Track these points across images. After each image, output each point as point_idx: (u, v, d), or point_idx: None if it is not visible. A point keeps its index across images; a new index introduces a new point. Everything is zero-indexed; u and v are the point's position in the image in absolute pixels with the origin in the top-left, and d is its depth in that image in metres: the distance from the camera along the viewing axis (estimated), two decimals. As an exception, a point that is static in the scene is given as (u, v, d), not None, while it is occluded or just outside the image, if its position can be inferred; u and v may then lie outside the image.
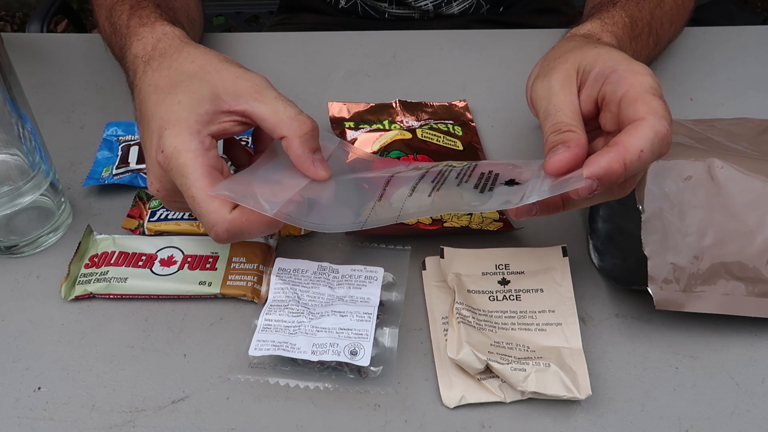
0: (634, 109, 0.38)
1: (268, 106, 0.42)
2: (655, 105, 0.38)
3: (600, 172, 0.37)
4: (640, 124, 0.38)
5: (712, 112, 0.61)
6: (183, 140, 0.40)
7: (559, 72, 0.43)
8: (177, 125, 0.40)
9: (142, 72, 0.45)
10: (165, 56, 0.45)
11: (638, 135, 0.37)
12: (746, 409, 0.41)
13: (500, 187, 0.41)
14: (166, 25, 0.48)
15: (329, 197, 0.43)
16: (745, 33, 0.72)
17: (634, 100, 0.39)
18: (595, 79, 0.42)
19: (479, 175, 0.43)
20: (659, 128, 0.37)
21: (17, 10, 2.07)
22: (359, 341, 0.41)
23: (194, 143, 0.40)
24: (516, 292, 0.46)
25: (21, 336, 0.45)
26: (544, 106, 0.42)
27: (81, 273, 0.47)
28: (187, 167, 0.40)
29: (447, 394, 0.41)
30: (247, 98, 0.42)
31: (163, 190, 0.42)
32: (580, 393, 0.40)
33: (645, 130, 0.37)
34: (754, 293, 0.44)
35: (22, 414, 0.41)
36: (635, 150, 0.37)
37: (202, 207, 0.39)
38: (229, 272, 0.47)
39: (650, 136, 0.37)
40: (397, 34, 0.73)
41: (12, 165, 0.48)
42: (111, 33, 0.55)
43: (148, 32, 0.48)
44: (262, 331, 0.42)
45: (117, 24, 0.53)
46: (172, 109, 0.41)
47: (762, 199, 0.45)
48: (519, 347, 0.42)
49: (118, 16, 0.53)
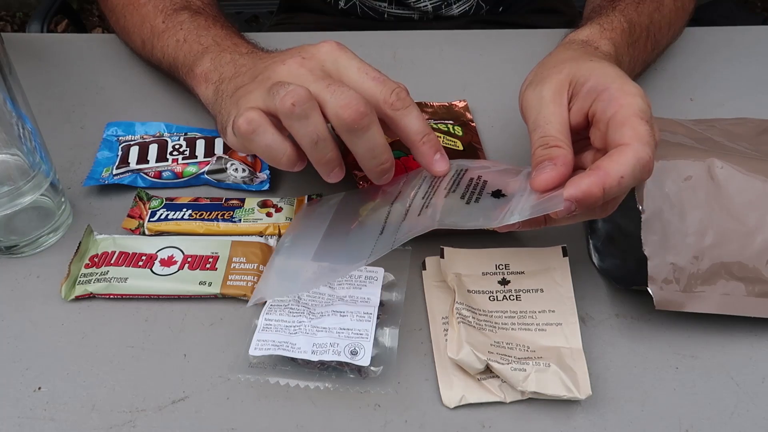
0: (620, 133, 0.39)
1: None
2: (640, 130, 0.38)
3: (579, 195, 0.37)
4: (623, 150, 0.38)
5: (712, 112, 0.61)
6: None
7: (551, 82, 0.43)
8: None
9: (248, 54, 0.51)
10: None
11: (620, 161, 0.38)
12: (746, 409, 0.41)
13: (486, 198, 0.42)
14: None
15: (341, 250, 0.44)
16: (745, 33, 0.72)
17: (621, 123, 0.39)
18: (587, 93, 0.42)
19: (468, 182, 0.43)
20: (642, 155, 0.38)
21: (17, 10, 2.07)
22: (359, 341, 0.41)
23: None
24: (516, 292, 0.46)
25: (21, 336, 0.45)
26: (533, 115, 0.43)
27: (81, 273, 0.47)
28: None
29: (447, 394, 0.41)
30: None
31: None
32: (580, 393, 0.40)
33: (627, 156, 0.38)
34: (754, 293, 0.44)
35: (22, 414, 0.41)
36: (616, 176, 0.37)
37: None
38: (229, 272, 0.47)
39: (632, 163, 0.38)
40: (397, 35, 0.73)
41: (12, 165, 0.48)
42: (164, 30, 0.58)
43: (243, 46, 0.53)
44: (263, 330, 0.42)
45: (194, 26, 0.57)
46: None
47: (762, 199, 0.45)
48: (519, 347, 0.42)
49: (193, 20, 0.57)
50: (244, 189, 0.54)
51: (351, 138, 0.41)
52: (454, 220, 0.41)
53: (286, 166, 0.43)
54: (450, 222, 0.41)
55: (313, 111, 0.40)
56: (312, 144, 0.41)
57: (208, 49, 0.53)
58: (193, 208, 0.51)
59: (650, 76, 0.65)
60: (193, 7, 0.60)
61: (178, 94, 0.63)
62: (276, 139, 0.42)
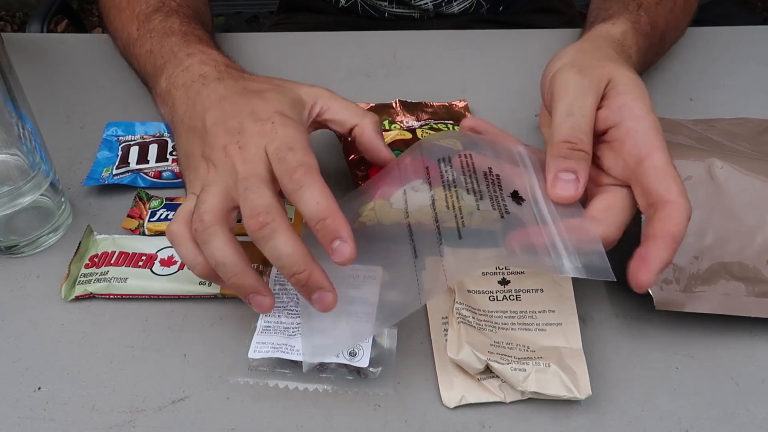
0: (666, 186, 0.38)
1: (342, 103, 0.48)
2: (681, 186, 0.39)
3: (661, 268, 0.37)
4: (676, 208, 0.38)
5: (712, 112, 0.61)
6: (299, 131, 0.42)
7: (594, 75, 0.42)
8: (290, 118, 0.43)
9: (213, 80, 0.47)
10: (231, 77, 0.48)
11: (677, 220, 0.38)
12: (746, 409, 0.41)
13: (510, 205, 0.41)
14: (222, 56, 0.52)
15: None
16: (745, 33, 0.72)
17: (664, 174, 0.39)
18: (619, 108, 0.41)
19: (485, 179, 0.42)
20: (689, 209, 0.38)
21: (17, 10, 2.07)
22: (358, 342, 0.41)
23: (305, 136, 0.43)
24: (516, 292, 0.46)
25: (21, 336, 0.45)
26: (568, 99, 0.42)
27: (81, 273, 0.47)
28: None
29: (447, 395, 0.41)
30: (325, 98, 0.48)
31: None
32: (580, 393, 0.40)
33: (681, 214, 0.38)
34: (754, 293, 0.44)
35: (22, 414, 0.41)
36: (679, 238, 0.38)
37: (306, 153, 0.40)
38: (229, 272, 0.47)
39: (685, 221, 0.38)
40: (397, 34, 0.73)
41: (12, 165, 0.48)
42: (138, 38, 0.58)
43: (210, 56, 0.51)
44: (261, 333, 0.42)
45: (160, 32, 0.56)
46: (277, 103, 0.44)
47: (762, 199, 0.45)
48: (519, 347, 0.42)
49: (162, 26, 0.56)
50: (244, 189, 0.54)
51: (260, 246, 0.39)
52: (502, 259, 0.40)
53: (205, 278, 0.42)
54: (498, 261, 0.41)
55: (211, 238, 0.39)
56: (214, 266, 0.40)
57: (165, 64, 0.52)
58: None
59: (650, 76, 0.65)
60: (166, 9, 0.59)
61: (178, 94, 0.64)
62: (189, 254, 0.41)
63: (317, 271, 0.39)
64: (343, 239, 0.38)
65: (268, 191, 0.39)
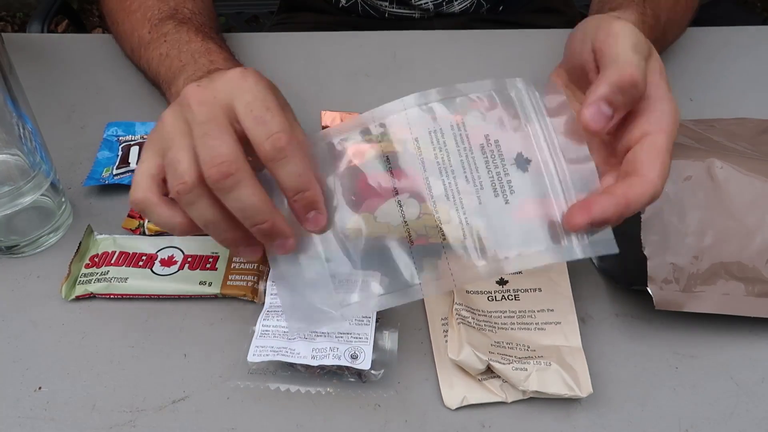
0: (647, 162, 0.38)
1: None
2: (665, 170, 0.38)
3: (599, 218, 0.37)
4: (644, 184, 0.37)
5: (712, 112, 0.61)
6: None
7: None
8: (266, 78, 0.41)
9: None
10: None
11: (640, 192, 0.37)
12: (746, 409, 0.41)
13: (515, 175, 0.39)
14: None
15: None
16: (745, 33, 0.72)
17: (650, 149, 0.38)
18: (648, 84, 0.40)
19: (482, 153, 0.40)
20: (658, 191, 0.37)
21: (18, 11, 2.07)
22: (359, 345, 0.41)
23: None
24: (515, 292, 0.46)
25: (21, 336, 0.45)
26: (634, 40, 0.40)
27: (81, 273, 0.47)
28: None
29: (448, 395, 0.41)
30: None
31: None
32: (582, 391, 0.40)
33: (647, 190, 0.37)
34: (753, 293, 0.44)
35: (23, 414, 0.41)
36: (634, 209, 0.37)
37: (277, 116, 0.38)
38: (229, 272, 0.47)
39: (649, 197, 0.37)
40: (397, 34, 0.73)
41: (12, 165, 0.48)
42: (150, 41, 0.58)
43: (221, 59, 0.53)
44: (260, 336, 0.42)
45: (176, 38, 0.56)
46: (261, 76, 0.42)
47: (761, 199, 0.45)
48: (519, 347, 0.42)
49: (178, 32, 0.57)
50: (245, 189, 0.54)
51: (220, 195, 0.37)
52: (503, 252, 0.38)
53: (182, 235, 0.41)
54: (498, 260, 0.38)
55: (198, 199, 0.38)
56: (203, 226, 0.39)
57: (185, 67, 0.52)
58: None
59: (650, 76, 0.65)
60: (179, 17, 0.60)
61: (179, 94, 0.64)
62: (164, 217, 0.40)
63: (279, 218, 0.38)
64: (320, 210, 0.39)
65: (231, 138, 0.37)
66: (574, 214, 0.37)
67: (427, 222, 0.40)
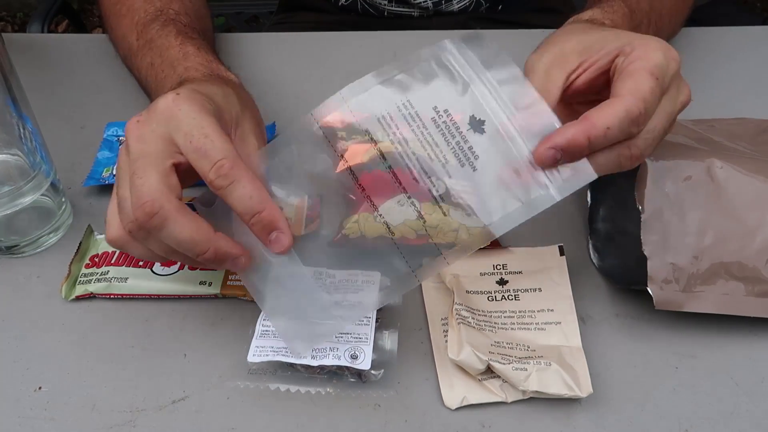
0: (620, 86, 0.38)
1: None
2: (641, 85, 0.37)
3: (563, 143, 0.37)
4: (614, 101, 0.37)
5: (712, 112, 0.61)
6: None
7: (553, 51, 0.42)
8: (200, 94, 0.41)
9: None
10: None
11: (608, 112, 0.37)
12: (746, 409, 0.41)
13: (474, 138, 0.38)
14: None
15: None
16: (745, 33, 0.72)
17: (627, 75, 0.38)
18: (607, 53, 0.40)
19: (437, 128, 0.39)
20: (631, 108, 0.37)
21: (18, 11, 2.07)
22: (359, 345, 0.41)
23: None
24: (515, 291, 0.46)
25: (22, 336, 0.45)
26: (536, 83, 0.41)
27: (81, 273, 0.47)
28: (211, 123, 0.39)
29: (448, 395, 0.41)
30: (247, 125, 0.44)
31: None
32: (582, 391, 0.40)
33: (616, 107, 0.37)
34: (753, 293, 0.44)
35: (23, 414, 0.41)
36: (601, 126, 0.37)
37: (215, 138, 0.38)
38: (229, 272, 0.47)
39: (620, 116, 0.37)
40: (397, 35, 0.73)
41: (13, 165, 0.48)
42: (138, 49, 0.59)
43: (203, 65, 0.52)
44: (260, 337, 0.42)
45: (159, 45, 0.56)
46: (201, 86, 0.42)
47: (761, 199, 0.45)
48: (519, 347, 0.42)
49: (160, 36, 0.57)
50: (245, 189, 0.54)
51: (154, 234, 0.37)
52: (463, 198, 0.38)
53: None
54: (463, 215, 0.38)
55: (147, 236, 0.38)
56: (167, 257, 0.39)
57: (165, 80, 0.53)
58: (193, 208, 0.51)
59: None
60: (163, 18, 0.59)
61: (179, 94, 0.64)
62: (137, 251, 0.40)
63: (221, 242, 0.38)
64: (281, 230, 0.38)
65: (156, 176, 0.37)
66: (539, 148, 0.37)
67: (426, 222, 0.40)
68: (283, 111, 0.59)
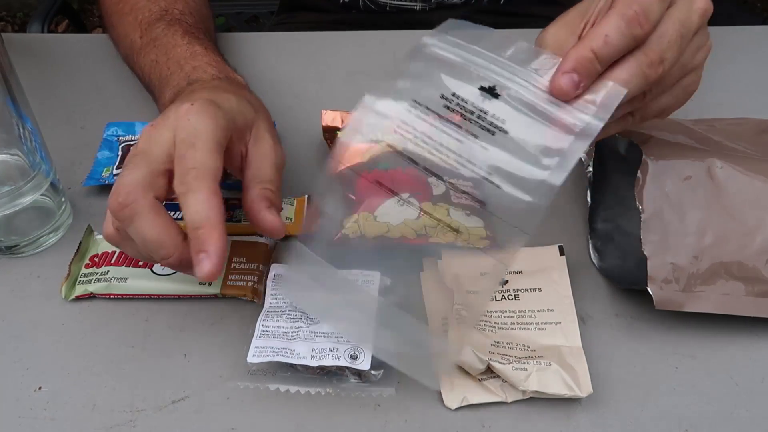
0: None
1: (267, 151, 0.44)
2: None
3: (572, 64, 0.37)
4: (608, 12, 0.38)
5: (712, 112, 0.61)
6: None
7: (557, 23, 0.43)
8: (214, 105, 0.41)
9: (199, 88, 0.48)
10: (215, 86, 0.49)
11: (603, 22, 0.37)
12: (746, 409, 0.41)
13: (492, 105, 0.38)
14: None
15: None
16: (745, 33, 0.72)
17: None
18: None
19: (448, 108, 0.39)
20: (625, 11, 0.37)
21: (18, 11, 2.07)
22: (359, 345, 0.41)
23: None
24: (514, 291, 0.46)
25: (21, 336, 0.45)
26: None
27: (81, 273, 0.47)
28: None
29: (448, 395, 0.41)
30: (261, 130, 0.45)
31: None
32: (582, 391, 0.40)
33: (610, 15, 0.37)
34: (753, 293, 0.44)
35: (23, 414, 0.41)
36: (599, 35, 0.37)
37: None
38: (229, 272, 0.47)
39: (614, 21, 0.37)
40: (397, 34, 0.73)
41: (12, 165, 0.48)
42: (142, 47, 0.58)
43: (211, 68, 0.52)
44: (260, 337, 0.42)
45: (164, 43, 0.56)
46: (217, 95, 0.43)
47: (762, 199, 0.45)
48: (519, 347, 0.42)
49: (165, 35, 0.57)
50: (245, 189, 0.54)
51: (124, 228, 0.38)
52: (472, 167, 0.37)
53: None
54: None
55: (122, 242, 0.40)
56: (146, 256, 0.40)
57: (171, 76, 0.53)
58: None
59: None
60: (168, 18, 0.60)
61: (179, 94, 0.64)
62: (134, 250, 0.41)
63: (186, 249, 0.37)
64: (209, 254, 0.36)
65: (139, 172, 0.37)
66: (553, 81, 0.37)
67: (426, 222, 0.40)
68: (283, 111, 0.59)
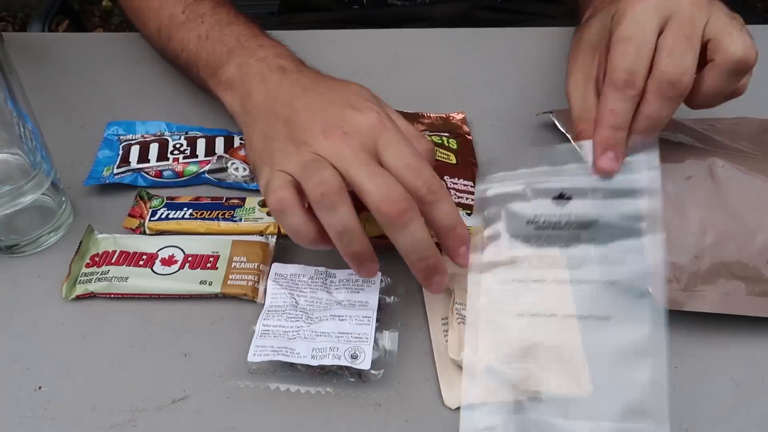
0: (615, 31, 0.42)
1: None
2: (615, 51, 0.42)
3: (601, 149, 0.42)
4: (603, 87, 0.42)
5: (713, 111, 0.61)
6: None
7: (570, 69, 0.47)
8: (389, 107, 0.46)
9: (293, 71, 0.49)
10: (309, 70, 0.50)
11: (602, 100, 0.42)
12: (746, 409, 0.41)
13: (567, 207, 0.43)
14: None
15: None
16: (745, 33, 0.72)
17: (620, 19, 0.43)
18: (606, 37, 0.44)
19: (554, 225, 0.43)
20: (615, 81, 0.41)
21: (18, 11, 2.07)
22: (359, 345, 0.41)
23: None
24: (516, 291, 0.46)
25: (22, 335, 0.45)
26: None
27: (82, 272, 0.47)
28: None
29: (449, 395, 0.41)
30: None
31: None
32: (582, 390, 0.40)
33: (606, 92, 0.41)
34: (754, 293, 0.44)
35: (23, 413, 0.41)
36: (607, 113, 0.41)
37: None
38: (229, 272, 0.47)
39: (612, 95, 0.41)
40: (398, 33, 0.73)
41: (13, 164, 0.48)
42: (185, 21, 0.57)
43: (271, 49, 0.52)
44: (261, 336, 0.42)
45: (217, 20, 0.56)
46: (369, 94, 0.46)
47: (762, 198, 0.45)
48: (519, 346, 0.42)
49: (217, 14, 0.56)
50: (245, 188, 0.54)
51: (391, 232, 0.39)
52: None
53: (308, 246, 0.42)
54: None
55: (341, 203, 0.39)
56: (337, 234, 0.40)
57: (233, 52, 0.51)
58: (193, 208, 0.51)
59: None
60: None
61: (179, 93, 0.64)
62: (302, 221, 0.40)
63: (440, 256, 0.41)
64: (467, 245, 0.42)
65: (392, 177, 0.39)
66: (596, 165, 0.42)
67: None
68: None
